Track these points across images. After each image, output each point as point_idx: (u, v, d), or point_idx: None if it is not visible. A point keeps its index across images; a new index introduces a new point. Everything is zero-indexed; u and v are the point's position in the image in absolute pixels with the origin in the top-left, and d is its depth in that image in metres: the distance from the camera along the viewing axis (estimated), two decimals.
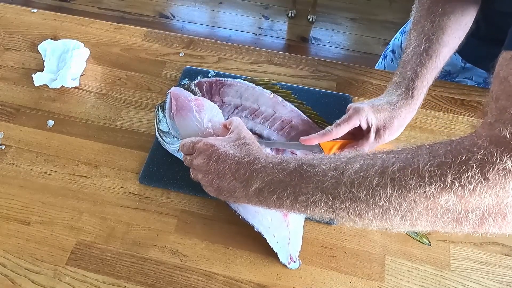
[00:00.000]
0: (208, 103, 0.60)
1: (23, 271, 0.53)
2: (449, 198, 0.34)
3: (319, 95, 0.71)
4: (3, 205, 0.59)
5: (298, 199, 0.43)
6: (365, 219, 0.40)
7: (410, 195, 0.36)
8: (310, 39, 2.24)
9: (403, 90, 0.58)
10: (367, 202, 0.38)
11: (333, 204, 0.40)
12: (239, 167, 0.47)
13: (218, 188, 0.49)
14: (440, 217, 0.36)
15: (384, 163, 0.38)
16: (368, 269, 0.55)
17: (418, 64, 0.58)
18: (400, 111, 0.57)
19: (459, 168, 0.34)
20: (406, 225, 0.38)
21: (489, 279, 0.54)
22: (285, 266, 0.54)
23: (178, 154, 0.60)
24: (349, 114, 0.57)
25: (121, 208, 0.59)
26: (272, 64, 0.77)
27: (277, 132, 0.63)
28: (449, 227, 0.37)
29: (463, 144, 0.35)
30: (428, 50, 0.59)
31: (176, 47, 0.79)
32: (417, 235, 0.56)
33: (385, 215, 0.38)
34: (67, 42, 0.75)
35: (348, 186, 0.39)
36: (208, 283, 0.53)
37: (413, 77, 0.58)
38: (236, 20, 2.31)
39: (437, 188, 0.34)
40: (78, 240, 0.56)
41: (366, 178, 0.38)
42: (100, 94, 0.72)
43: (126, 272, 0.54)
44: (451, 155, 0.35)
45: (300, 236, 0.56)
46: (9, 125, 0.67)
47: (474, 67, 0.76)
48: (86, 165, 0.63)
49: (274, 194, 0.44)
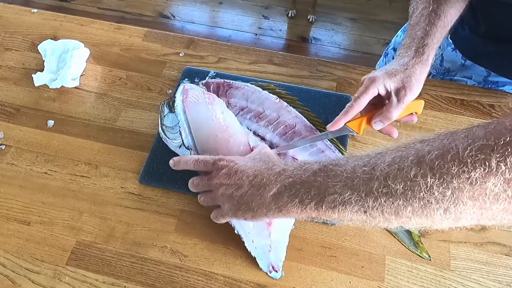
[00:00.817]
0: (218, 99, 0.61)
1: (23, 271, 0.54)
2: (496, 182, 0.31)
3: (319, 95, 0.71)
4: (3, 205, 0.59)
5: (324, 200, 0.39)
6: (403, 216, 0.36)
7: (454, 182, 0.33)
8: (310, 39, 2.24)
9: (413, 50, 0.58)
10: (405, 195, 0.35)
11: (366, 203, 0.37)
12: (256, 174, 0.45)
13: (238, 203, 0.47)
14: (488, 208, 0.33)
15: (419, 153, 0.35)
16: (368, 269, 0.55)
17: (428, 23, 0.58)
18: (414, 69, 0.56)
19: (503, 151, 0.31)
20: (450, 219, 0.35)
21: (489, 279, 0.54)
22: (266, 274, 0.53)
23: (179, 150, 0.60)
24: (366, 84, 0.56)
25: (121, 208, 0.59)
26: (272, 64, 0.77)
27: (279, 136, 0.64)
28: (497, 218, 0.34)
29: (504, 124, 0.32)
30: (436, 10, 0.59)
31: (176, 47, 0.79)
32: (418, 249, 0.55)
33: (426, 209, 0.35)
34: (67, 42, 0.75)
35: (382, 180, 0.36)
36: (208, 283, 0.53)
37: (423, 35, 0.58)
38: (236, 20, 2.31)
39: (482, 172, 0.31)
40: (78, 240, 0.56)
41: (401, 170, 0.35)
42: (100, 94, 0.72)
43: (126, 272, 0.54)
44: (492, 136, 0.32)
45: (285, 245, 0.55)
46: (9, 125, 0.67)
47: (474, 65, 0.76)
48: (86, 165, 0.63)
49: (296, 197, 0.41)
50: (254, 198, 0.45)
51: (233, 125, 0.58)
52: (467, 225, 0.36)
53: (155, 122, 0.68)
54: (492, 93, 0.73)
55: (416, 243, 0.56)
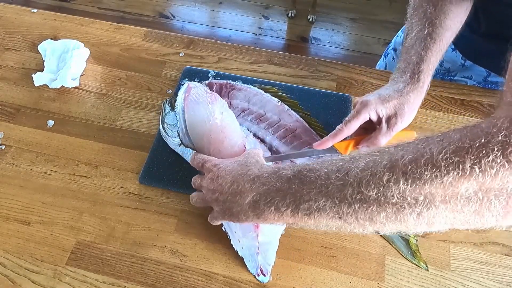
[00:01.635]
0: (220, 99, 0.61)
1: (23, 271, 0.54)
2: (469, 186, 0.31)
3: (319, 95, 0.71)
4: (3, 205, 0.59)
5: (299, 207, 0.39)
6: (377, 222, 0.36)
7: (426, 187, 0.33)
8: (310, 39, 2.24)
9: (409, 75, 0.57)
10: (378, 201, 0.35)
11: (340, 209, 0.37)
12: (233, 181, 0.45)
13: (223, 208, 0.47)
14: (460, 211, 0.33)
15: (393, 157, 0.35)
16: (368, 269, 0.55)
17: (423, 48, 0.57)
18: (409, 96, 0.56)
19: (478, 153, 0.30)
20: (423, 224, 0.35)
21: (489, 279, 0.54)
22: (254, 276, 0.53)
23: (179, 149, 0.60)
24: (357, 109, 0.56)
25: (121, 208, 0.59)
26: (272, 64, 0.77)
27: (279, 139, 0.64)
28: (470, 222, 0.33)
29: (480, 127, 0.32)
30: (432, 34, 0.58)
31: (176, 47, 0.79)
32: (415, 259, 0.55)
33: (399, 215, 0.35)
34: (67, 42, 0.75)
35: (356, 186, 0.36)
36: (208, 283, 0.53)
37: (418, 61, 0.57)
38: (236, 20, 2.31)
39: (455, 176, 0.31)
40: (78, 240, 0.56)
41: (374, 176, 0.35)
42: (100, 94, 0.72)
43: (126, 272, 0.54)
44: (467, 139, 0.31)
45: (274, 250, 0.55)
46: (9, 125, 0.67)
47: (474, 65, 0.76)
48: (86, 165, 0.63)
49: (272, 205, 0.41)
50: (233, 205, 0.45)
51: (231, 126, 0.58)
52: (442, 229, 0.36)
53: (155, 122, 0.68)
54: (492, 93, 0.73)
55: (414, 253, 0.55)
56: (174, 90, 0.72)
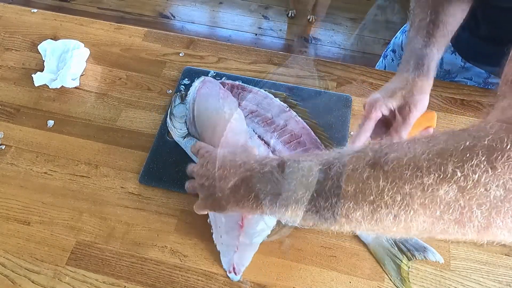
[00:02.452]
0: (232, 98, 0.62)
1: (23, 271, 0.54)
2: (449, 190, 0.30)
3: (319, 95, 0.71)
4: (3, 205, 0.59)
5: (278, 197, 0.39)
6: (353, 220, 0.35)
7: (406, 188, 0.31)
8: (310, 39, 2.24)
9: (413, 63, 0.56)
10: (355, 198, 0.34)
11: (317, 203, 0.36)
12: (220, 166, 0.45)
13: (207, 194, 0.47)
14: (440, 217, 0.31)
15: (377, 154, 0.34)
16: (368, 269, 0.55)
17: (426, 34, 0.57)
18: (415, 83, 0.54)
19: (462, 156, 0.29)
20: (400, 227, 0.33)
21: (489, 279, 0.54)
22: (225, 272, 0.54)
23: (183, 141, 0.60)
24: (367, 110, 0.55)
25: (121, 208, 0.59)
26: (272, 64, 0.77)
27: (283, 144, 0.64)
28: (449, 231, 0.32)
29: (468, 130, 0.31)
30: (434, 20, 0.57)
31: (176, 47, 0.79)
32: (403, 285, 0.53)
33: (376, 214, 0.33)
34: (67, 42, 0.75)
35: (335, 180, 0.35)
36: (208, 283, 0.53)
37: (421, 47, 0.56)
38: (236, 20, 2.31)
39: (436, 178, 0.30)
40: (78, 240, 0.56)
41: (355, 171, 0.34)
42: (100, 94, 0.72)
43: (126, 272, 0.54)
44: (454, 142, 0.30)
45: (252, 253, 0.54)
46: (9, 125, 0.67)
47: (473, 67, 0.76)
48: (86, 165, 0.63)
49: (252, 191, 0.41)
50: (216, 190, 0.45)
51: (237, 123, 0.59)
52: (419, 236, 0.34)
53: (155, 122, 0.68)
54: (492, 93, 0.73)
55: (403, 279, 0.53)
56: (174, 90, 0.72)
